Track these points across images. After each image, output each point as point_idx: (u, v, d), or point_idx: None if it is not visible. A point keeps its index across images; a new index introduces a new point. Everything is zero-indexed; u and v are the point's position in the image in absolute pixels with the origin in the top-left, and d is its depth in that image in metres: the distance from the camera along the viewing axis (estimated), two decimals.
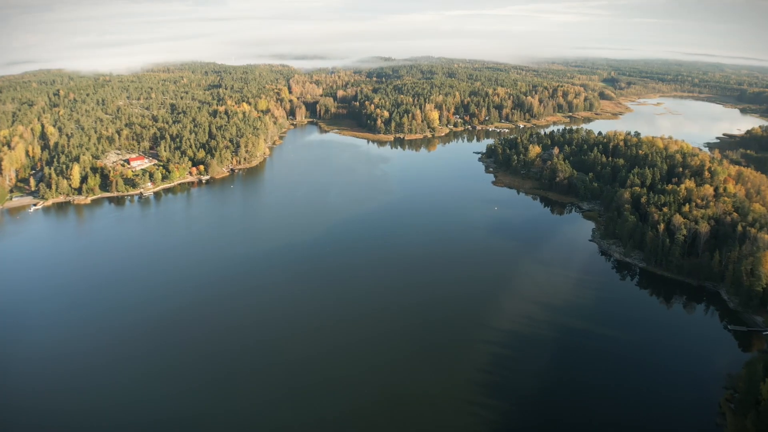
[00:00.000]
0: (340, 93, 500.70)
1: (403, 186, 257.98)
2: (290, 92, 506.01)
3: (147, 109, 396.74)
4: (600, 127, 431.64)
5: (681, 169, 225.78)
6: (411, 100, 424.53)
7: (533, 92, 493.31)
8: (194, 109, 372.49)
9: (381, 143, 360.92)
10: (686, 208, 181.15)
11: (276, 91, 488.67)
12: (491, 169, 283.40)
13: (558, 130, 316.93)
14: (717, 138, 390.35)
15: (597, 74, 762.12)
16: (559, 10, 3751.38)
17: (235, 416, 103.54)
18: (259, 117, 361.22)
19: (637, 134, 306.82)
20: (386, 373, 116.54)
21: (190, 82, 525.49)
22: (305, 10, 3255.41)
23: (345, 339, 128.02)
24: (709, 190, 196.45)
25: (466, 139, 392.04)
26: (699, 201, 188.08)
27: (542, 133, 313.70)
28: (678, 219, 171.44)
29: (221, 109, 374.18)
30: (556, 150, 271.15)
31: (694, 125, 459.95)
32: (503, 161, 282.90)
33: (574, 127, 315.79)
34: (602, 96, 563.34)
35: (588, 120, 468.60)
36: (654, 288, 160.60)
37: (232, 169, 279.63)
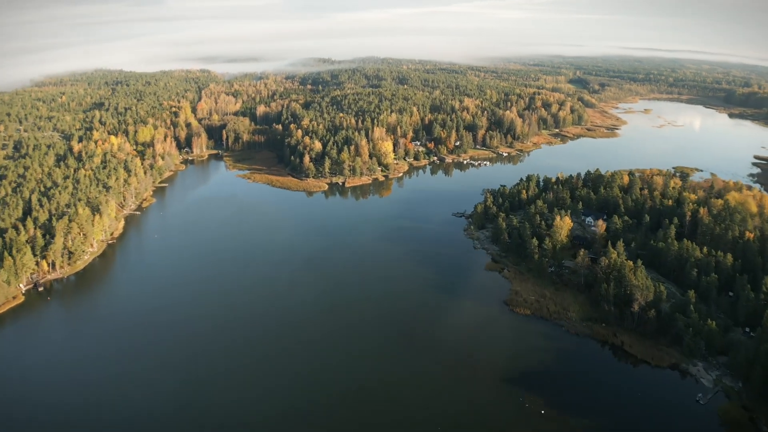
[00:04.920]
0: (261, 109, 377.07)
1: (335, 334, 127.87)
2: (194, 111, 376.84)
3: None
4: (600, 148, 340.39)
5: None
6: (354, 122, 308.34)
7: (507, 102, 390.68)
8: (42, 150, 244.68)
9: (309, 193, 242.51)
10: None
11: (173, 110, 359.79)
12: (493, 258, 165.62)
13: (579, 174, 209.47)
14: (754, 164, 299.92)
15: (563, 74, 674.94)
16: (502, 6, 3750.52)
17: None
18: (127, 160, 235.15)
19: (685, 176, 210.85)
20: None
21: (69, 101, 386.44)
22: (244, 9, 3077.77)
23: None
24: None
25: (432, 176, 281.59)
26: None
27: (552, 180, 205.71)
28: None
29: (78, 147, 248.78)
30: (600, 226, 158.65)
31: (709, 143, 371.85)
32: (513, 245, 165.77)
33: (601, 171, 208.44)
34: (583, 102, 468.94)
35: (579, 137, 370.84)
36: None
37: (35, 284, 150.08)
